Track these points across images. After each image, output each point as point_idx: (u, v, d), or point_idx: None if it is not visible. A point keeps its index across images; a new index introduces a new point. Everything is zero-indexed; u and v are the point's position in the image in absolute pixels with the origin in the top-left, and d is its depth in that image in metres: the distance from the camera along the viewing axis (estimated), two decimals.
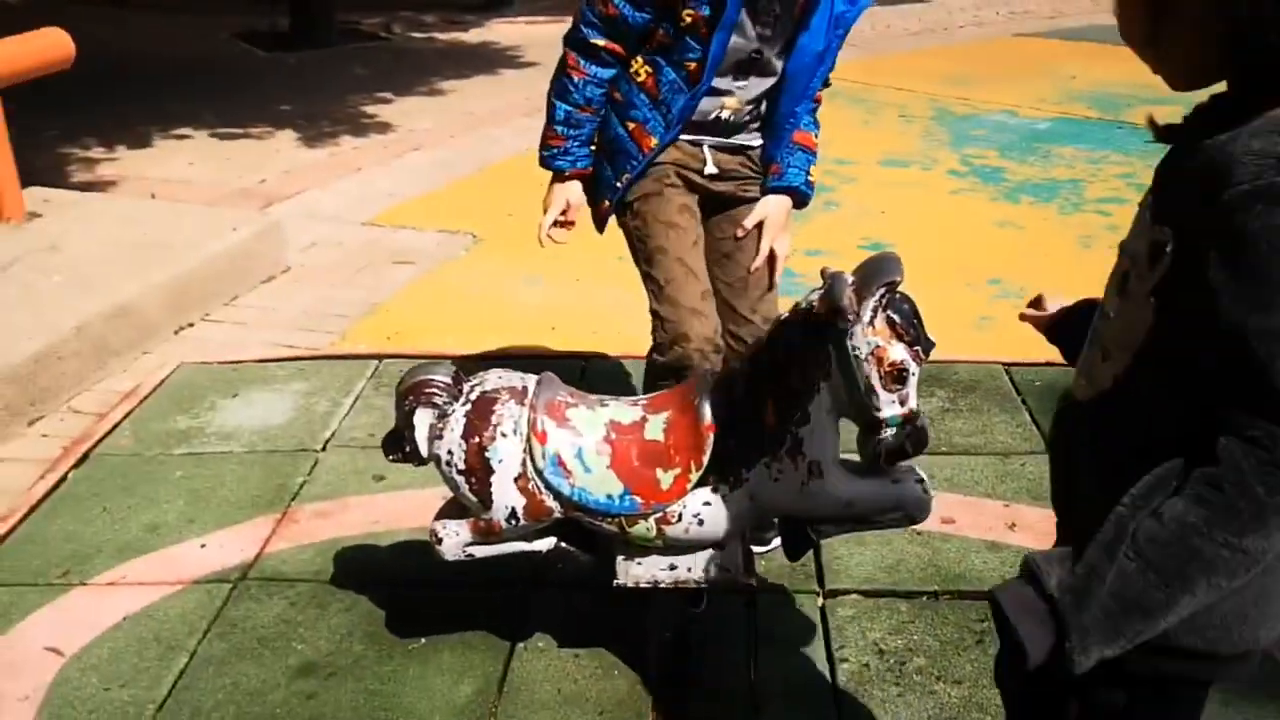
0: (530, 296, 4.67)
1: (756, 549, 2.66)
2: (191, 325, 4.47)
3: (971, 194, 5.93)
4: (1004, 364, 3.82)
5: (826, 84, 2.71)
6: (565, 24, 2.63)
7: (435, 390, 2.19)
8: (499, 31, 10.60)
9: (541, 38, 9.86)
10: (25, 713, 2.41)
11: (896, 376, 2.09)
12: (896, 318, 2.09)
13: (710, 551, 2.25)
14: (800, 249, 4.94)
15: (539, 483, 2.15)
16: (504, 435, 2.13)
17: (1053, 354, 1.65)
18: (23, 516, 3.09)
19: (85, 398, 3.92)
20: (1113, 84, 7.77)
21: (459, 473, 2.15)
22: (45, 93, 5.35)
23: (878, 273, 2.10)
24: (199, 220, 4.96)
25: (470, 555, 2.25)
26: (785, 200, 2.73)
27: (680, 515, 2.14)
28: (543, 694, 2.43)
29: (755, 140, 2.71)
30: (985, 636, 2.56)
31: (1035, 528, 2.97)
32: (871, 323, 2.08)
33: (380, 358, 4.03)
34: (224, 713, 2.40)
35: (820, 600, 2.73)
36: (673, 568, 2.25)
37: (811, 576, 2.80)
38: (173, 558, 2.92)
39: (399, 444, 2.23)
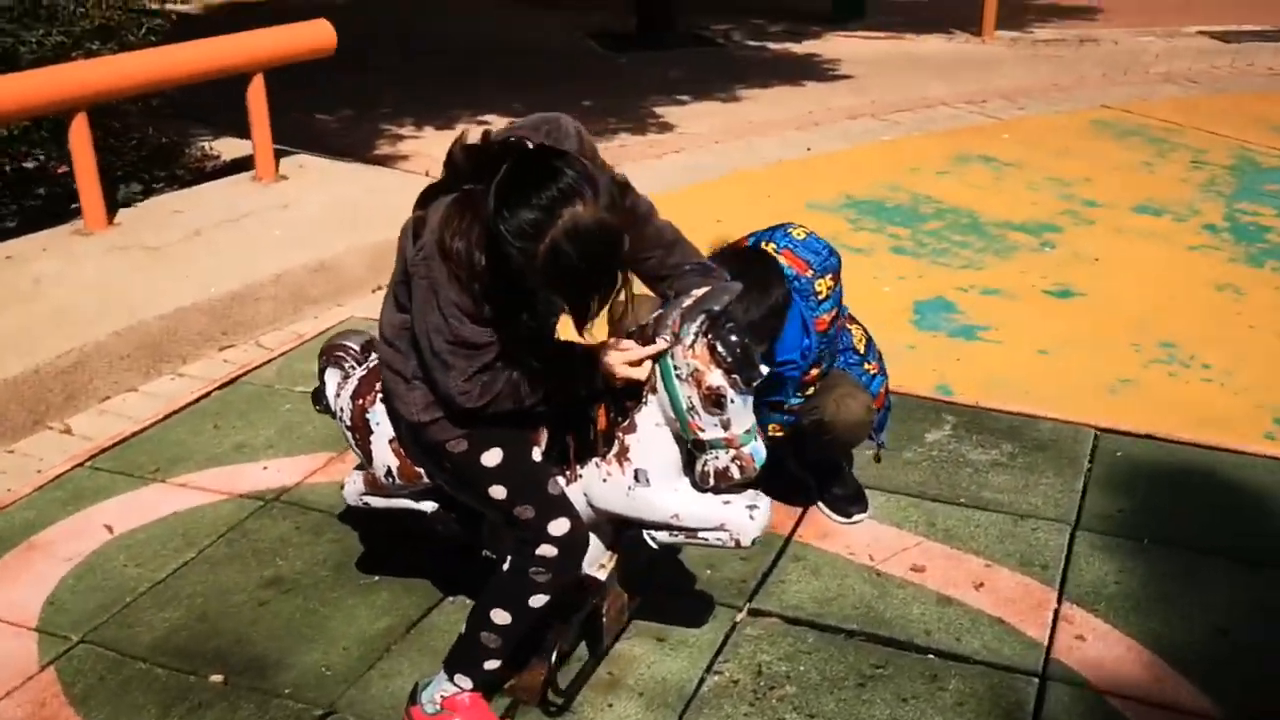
0: None
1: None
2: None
3: (1210, 251, 5.45)
4: (1096, 428, 3.59)
5: None
6: (904, 41, 2.61)
7: (343, 355, 2.52)
8: (832, 44, 10.68)
9: (869, 54, 9.89)
10: (60, 569, 2.99)
11: (715, 401, 2.20)
12: (718, 345, 2.19)
13: None
14: (978, 286, 4.83)
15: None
16: (383, 401, 2.42)
17: (1155, 428, 1.52)
18: (155, 421, 3.74)
19: (273, 335, 4.59)
20: None
21: (348, 429, 2.47)
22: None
23: (704, 301, 2.21)
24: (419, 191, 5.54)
25: (366, 504, 2.57)
26: None
27: None
28: (439, 642, 2.69)
29: None
30: (869, 681, 2.54)
31: (1001, 592, 2.86)
32: (692, 346, 2.19)
33: None
34: (192, 602, 2.86)
35: (738, 615, 2.80)
36: None
37: (744, 593, 2.87)
38: (238, 473, 3.45)
39: (319, 398, 2.58)
